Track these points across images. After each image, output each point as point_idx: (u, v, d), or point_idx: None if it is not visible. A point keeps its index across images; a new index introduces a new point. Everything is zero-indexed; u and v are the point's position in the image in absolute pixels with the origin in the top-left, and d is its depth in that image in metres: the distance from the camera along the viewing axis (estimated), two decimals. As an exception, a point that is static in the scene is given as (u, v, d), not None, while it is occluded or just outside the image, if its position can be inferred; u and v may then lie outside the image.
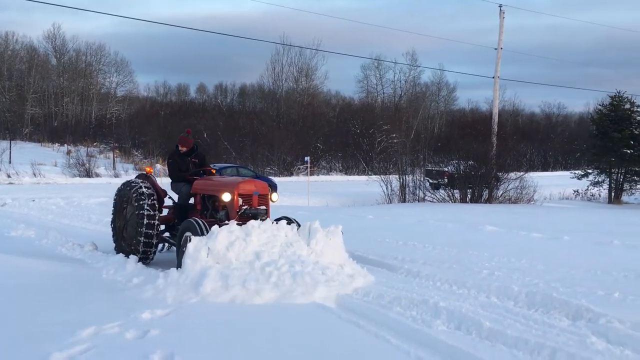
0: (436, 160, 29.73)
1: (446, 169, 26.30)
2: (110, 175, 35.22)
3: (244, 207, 8.04)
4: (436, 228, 12.74)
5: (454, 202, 22.61)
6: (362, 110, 55.38)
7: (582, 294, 6.56)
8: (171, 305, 6.14)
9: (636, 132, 28.08)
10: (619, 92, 29.59)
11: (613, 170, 28.96)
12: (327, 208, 20.94)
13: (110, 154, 43.30)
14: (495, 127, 28.86)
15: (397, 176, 24.10)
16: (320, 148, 47.13)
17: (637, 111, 29.36)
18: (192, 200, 9.19)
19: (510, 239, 11.16)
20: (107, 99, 62.15)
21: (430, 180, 25.74)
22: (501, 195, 22.89)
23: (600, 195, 29.03)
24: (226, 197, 8.00)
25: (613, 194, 28.86)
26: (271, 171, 41.53)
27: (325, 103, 62.79)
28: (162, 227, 9.08)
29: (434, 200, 23.18)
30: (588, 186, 29.22)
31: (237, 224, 7.41)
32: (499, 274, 7.71)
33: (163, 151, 43.85)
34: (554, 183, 29.53)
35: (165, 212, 9.38)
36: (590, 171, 29.89)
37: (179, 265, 7.12)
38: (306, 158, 27.53)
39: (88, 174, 34.58)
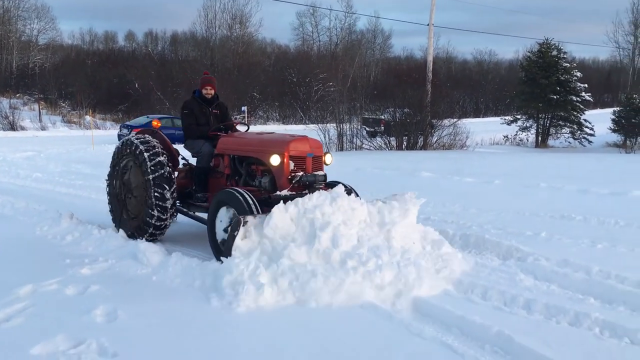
0: (373, 109, 29.87)
1: (382, 117, 26.56)
2: (37, 128, 33.68)
3: (299, 174, 6.19)
4: (374, 175, 13.01)
5: (391, 149, 23.00)
6: (298, 59, 54.72)
7: (512, 235, 6.94)
8: (112, 259, 6.06)
9: (562, 79, 29.15)
10: (547, 39, 30.50)
11: (540, 115, 30.12)
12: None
13: (35, 106, 41.25)
14: (430, 74, 29.17)
15: (334, 125, 24.19)
16: (257, 97, 46.52)
17: (564, 58, 30.43)
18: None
19: (445, 184, 11.54)
20: (29, 48, 58.45)
21: (367, 129, 25.98)
22: (436, 142, 23.45)
23: (528, 140, 30.24)
24: (275, 160, 6.18)
25: (540, 138, 30.12)
26: (207, 122, 40.75)
27: (260, 51, 61.55)
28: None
29: (371, 148, 23.48)
30: (517, 131, 30.34)
31: (291, 196, 5.92)
32: (434, 218, 8.00)
33: (92, 102, 42.14)
34: (485, 129, 30.46)
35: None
36: (519, 117, 31.00)
37: (220, 252, 5.72)
38: (243, 108, 27.20)
39: (12, 127, 32.90)
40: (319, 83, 47.36)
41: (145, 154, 6.77)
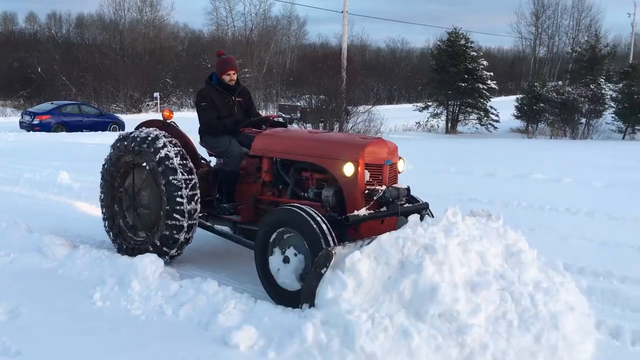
0: (289, 95, 29.94)
1: (299, 104, 26.64)
2: None
3: (380, 188, 4.82)
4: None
5: (307, 136, 23.06)
6: (212, 44, 53.60)
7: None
8: (14, 252, 5.71)
9: (470, 67, 30.33)
10: (455, 29, 31.58)
11: (450, 102, 31.23)
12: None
13: None
14: (345, 61, 29.49)
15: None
16: (170, 83, 45.24)
17: (471, 47, 31.63)
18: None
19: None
20: None
21: (284, 116, 25.82)
22: (351, 128, 23.76)
23: (439, 126, 31.31)
24: (348, 169, 4.81)
25: (450, 124, 31.26)
26: (117, 108, 39.26)
27: (173, 36, 59.81)
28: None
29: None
30: (428, 118, 31.33)
31: (369, 215, 4.72)
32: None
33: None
34: (398, 115, 31.20)
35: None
36: (430, 104, 32.00)
37: (283, 295, 4.52)
38: (155, 94, 26.37)
39: None
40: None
41: (157, 161, 5.35)
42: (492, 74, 31.40)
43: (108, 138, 20.88)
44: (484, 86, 30.63)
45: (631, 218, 7.73)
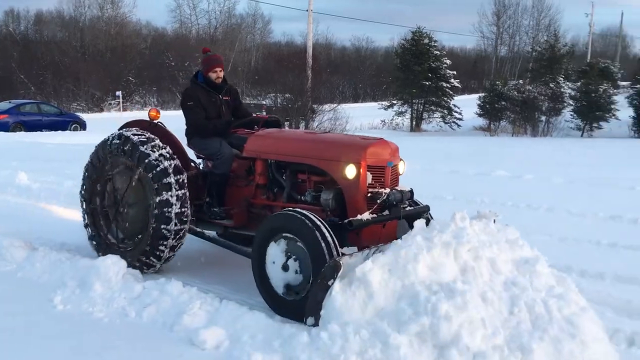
0: (254, 94, 29.77)
1: (264, 102, 26.54)
2: None
3: (384, 191, 4.67)
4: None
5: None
6: (176, 42, 53.00)
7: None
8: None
9: (433, 66, 30.69)
10: (419, 28, 31.90)
11: (414, 100, 31.54)
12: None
13: None
14: (310, 60, 29.51)
15: (215, 110, 23.79)
16: (133, 82, 44.46)
17: (435, 46, 32.00)
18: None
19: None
20: None
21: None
22: (317, 126, 23.80)
23: (403, 125, 31.58)
24: (350, 171, 4.64)
25: (414, 122, 31.57)
26: (78, 107, 38.43)
27: (135, 33, 58.72)
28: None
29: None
30: (393, 116, 31.57)
31: (373, 219, 4.57)
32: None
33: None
34: (363, 114, 31.35)
35: None
36: (394, 102, 32.25)
37: (286, 308, 4.32)
38: (117, 93, 25.91)
39: None
40: (199, 67, 46.19)
41: (145, 166, 5.08)
42: (455, 72, 31.84)
43: (68, 137, 20.52)
44: (448, 85, 31.03)
45: (589, 214, 7.95)
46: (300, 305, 4.13)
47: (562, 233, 6.80)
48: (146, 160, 5.09)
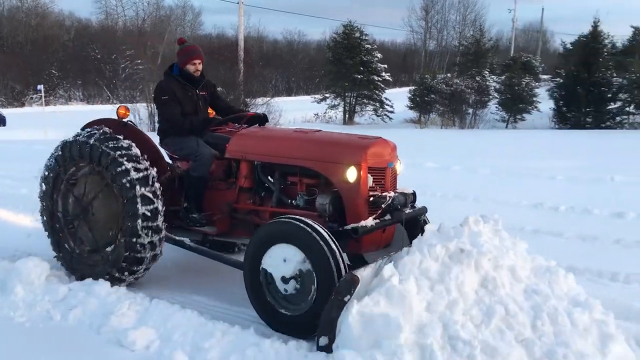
0: (185, 87, 29.13)
1: (195, 96, 26.00)
2: None
3: (388, 195, 4.40)
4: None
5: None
6: (101, 34, 51.17)
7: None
8: None
9: (365, 59, 31.04)
10: (350, 22, 32.14)
11: (347, 94, 31.81)
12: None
13: None
14: (242, 53, 29.25)
15: (145, 104, 23.17)
16: (56, 75, 42.61)
17: (366, 40, 32.35)
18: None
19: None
20: None
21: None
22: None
23: (336, 118, 31.81)
24: (351, 174, 4.31)
25: (347, 115, 31.86)
26: (-3, 102, 36.49)
27: (57, 25, 56.30)
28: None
29: (185, 128, 22.95)
30: (326, 109, 31.74)
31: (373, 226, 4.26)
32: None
33: None
34: (297, 107, 31.35)
35: None
36: (327, 95, 32.42)
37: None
38: (39, 86, 24.76)
39: None
40: (127, 60, 44.79)
41: (113, 172, 4.57)
42: (386, 66, 32.31)
43: (-14, 134, 19.46)
44: (379, 78, 31.46)
45: (513, 203, 8.29)
46: (300, 320, 3.88)
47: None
48: (115, 165, 4.56)
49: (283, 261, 3.97)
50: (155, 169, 4.75)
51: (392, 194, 4.43)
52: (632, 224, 7.37)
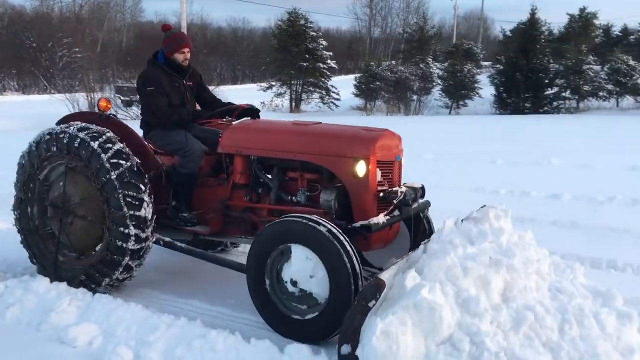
0: (127, 76, 28.44)
1: (138, 85, 25.44)
2: None
3: (399, 190, 4.20)
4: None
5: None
6: (36, 21, 49.12)
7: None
8: None
9: (310, 47, 31.01)
10: (295, 9, 32.03)
11: (293, 82, 31.74)
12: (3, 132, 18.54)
13: None
14: (185, 41, 28.68)
15: (84, 94, 22.48)
16: (-12, 64, 40.79)
17: (311, 27, 32.33)
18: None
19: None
20: None
21: (122, 98, 24.73)
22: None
23: (283, 106, 31.73)
24: (360, 169, 4.09)
25: (294, 103, 31.83)
26: None
27: (-12, 11, 53.83)
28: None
29: (127, 118, 22.37)
30: (272, 97, 31.61)
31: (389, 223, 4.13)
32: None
33: None
34: (242, 95, 30.97)
35: None
36: (273, 83, 32.28)
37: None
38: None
39: None
40: (64, 48, 43.21)
41: (98, 171, 4.21)
42: (331, 53, 32.39)
43: None
44: (325, 66, 31.53)
45: (455, 187, 8.49)
46: (312, 324, 3.69)
47: (433, 205, 7.19)
48: (99, 162, 4.21)
49: (293, 263, 3.77)
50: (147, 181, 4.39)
51: (403, 188, 4.28)
52: (568, 205, 7.69)
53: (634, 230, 6.31)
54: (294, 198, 4.41)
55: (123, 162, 4.25)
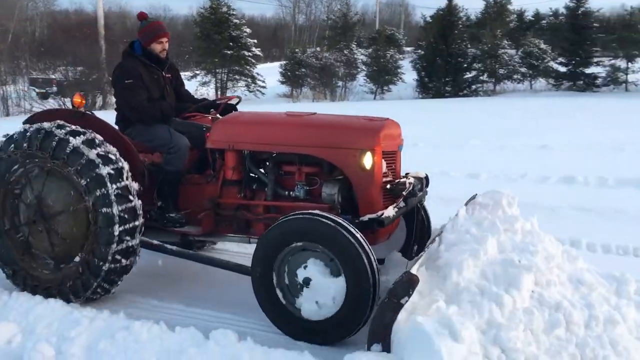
0: (41, 67, 27.14)
1: (53, 77, 24.47)
2: None
3: (407, 182, 4.06)
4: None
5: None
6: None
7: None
8: None
9: (234, 34, 30.70)
10: (217, -4, 31.56)
11: (217, 70, 31.34)
12: None
13: None
14: (102, 30, 27.69)
15: (-5, 87, 21.40)
16: None
17: (234, 14, 31.97)
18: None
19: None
20: None
21: (37, 90, 23.71)
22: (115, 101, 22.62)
23: (208, 95, 31.18)
24: (367, 160, 3.90)
25: (219, 92, 31.45)
26: None
27: None
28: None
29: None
30: (197, 86, 31.10)
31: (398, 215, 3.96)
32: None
33: None
34: (166, 85, 30.44)
35: None
36: (198, 72, 31.76)
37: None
38: None
39: None
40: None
41: (94, 160, 3.85)
42: (256, 41, 32.19)
43: None
44: (249, 53, 31.31)
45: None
46: (326, 326, 3.50)
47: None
48: (79, 162, 3.84)
49: (304, 262, 3.54)
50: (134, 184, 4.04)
51: (410, 179, 4.15)
52: (484, 183, 8.10)
53: (545, 204, 6.75)
54: (291, 193, 4.20)
55: (105, 163, 3.87)
